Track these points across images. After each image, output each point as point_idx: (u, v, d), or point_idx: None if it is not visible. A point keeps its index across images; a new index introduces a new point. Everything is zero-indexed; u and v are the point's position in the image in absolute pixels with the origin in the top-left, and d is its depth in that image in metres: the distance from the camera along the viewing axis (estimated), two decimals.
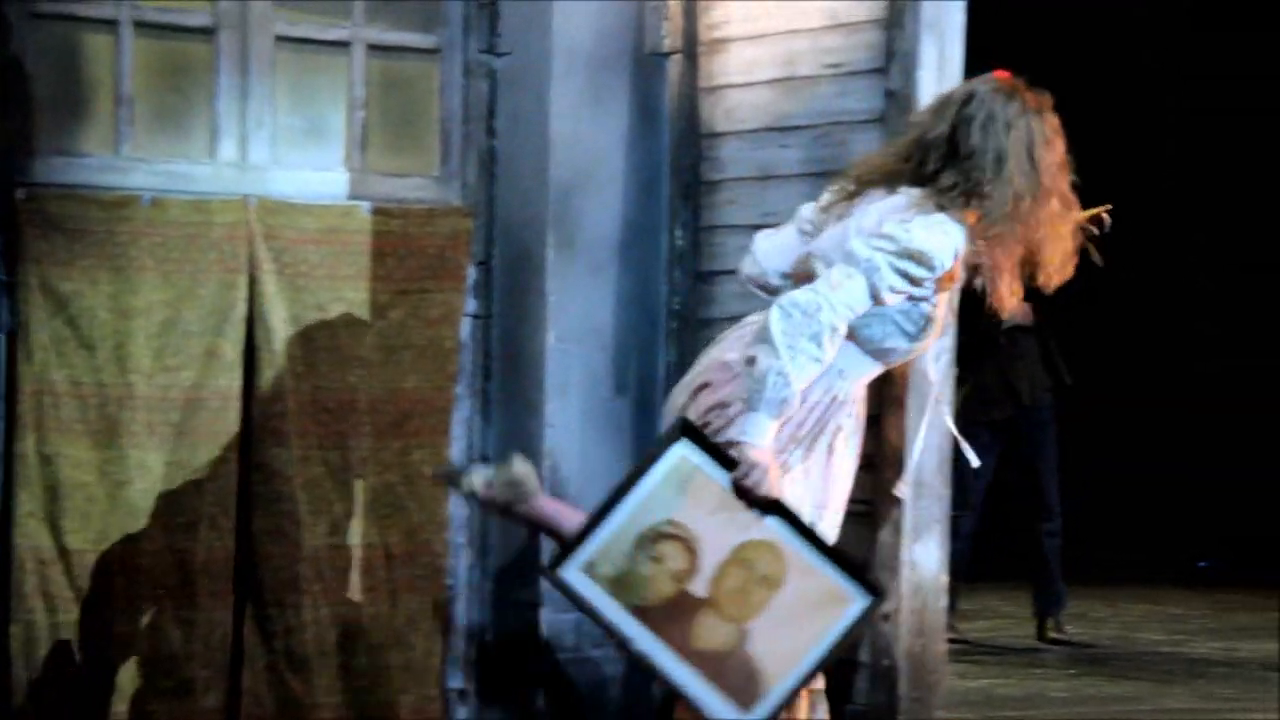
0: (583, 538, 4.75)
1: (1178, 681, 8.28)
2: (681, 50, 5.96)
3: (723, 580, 4.70)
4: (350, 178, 5.90)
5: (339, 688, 5.75)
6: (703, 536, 4.71)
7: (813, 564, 4.69)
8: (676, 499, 4.72)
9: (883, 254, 4.70)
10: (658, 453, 4.74)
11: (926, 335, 4.85)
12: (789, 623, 4.67)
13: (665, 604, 4.70)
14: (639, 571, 4.71)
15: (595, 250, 5.95)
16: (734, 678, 4.67)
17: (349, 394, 5.78)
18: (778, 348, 4.62)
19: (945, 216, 4.76)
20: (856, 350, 4.79)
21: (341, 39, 5.90)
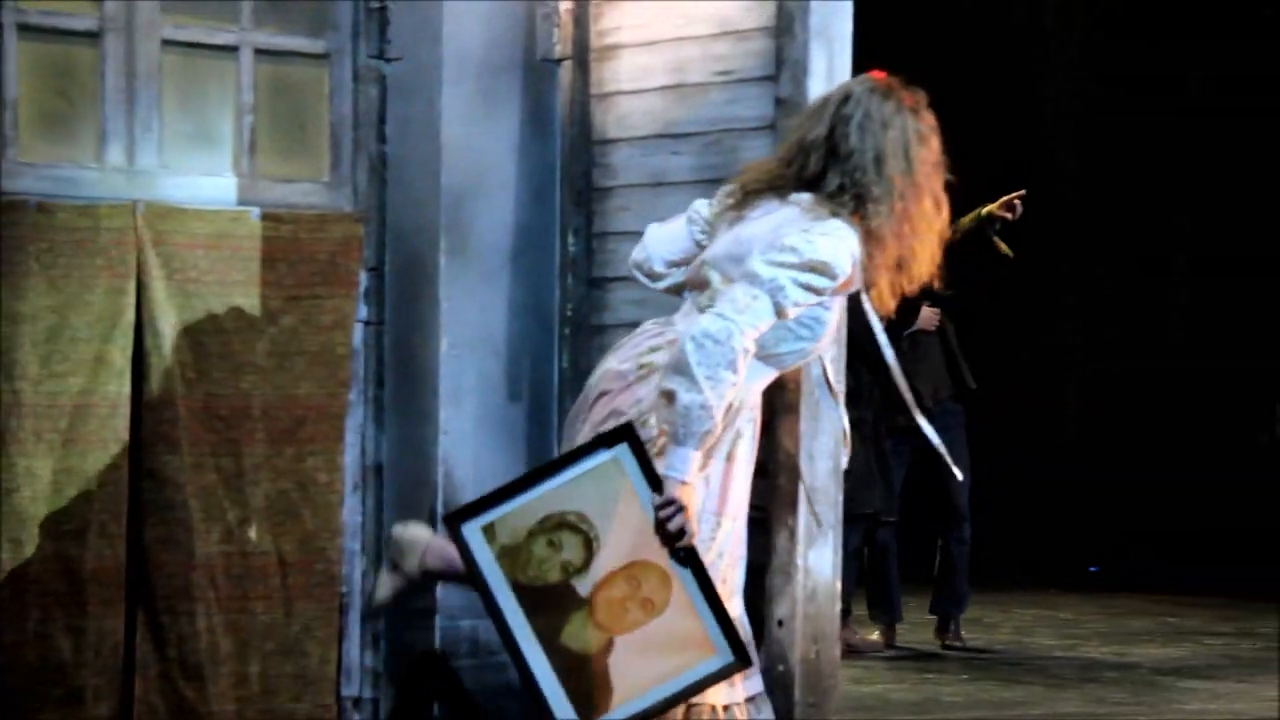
0: (492, 501, 4.77)
1: (1070, 686, 8.34)
2: (573, 57, 5.96)
3: (608, 587, 4.74)
4: (239, 183, 5.86)
5: (233, 696, 5.70)
6: (604, 539, 4.73)
7: (695, 607, 4.71)
8: (593, 496, 4.74)
9: (785, 271, 4.72)
10: (594, 447, 4.75)
11: (821, 338, 4.87)
12: (652, 651, 4.71)
13: (546, 589, 4.73)
14: (533, 550, 4.74)
15: (488, 257, 5.94)
16: (584, 683, 4.71)
17: (241, 400, 5.75)
18: (698, 381, 4.64)
19: (840, 223, 4.79)
20: (752, 358, 4.81)
21: (229, 43, 5.86)
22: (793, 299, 4.72)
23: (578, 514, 4.75)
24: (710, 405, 4.64)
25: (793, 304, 4.73)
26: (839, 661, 5.37)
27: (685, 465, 4.67)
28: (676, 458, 4.67)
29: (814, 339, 4.86)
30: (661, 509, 4.69)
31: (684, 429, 4.66)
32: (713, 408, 4.64)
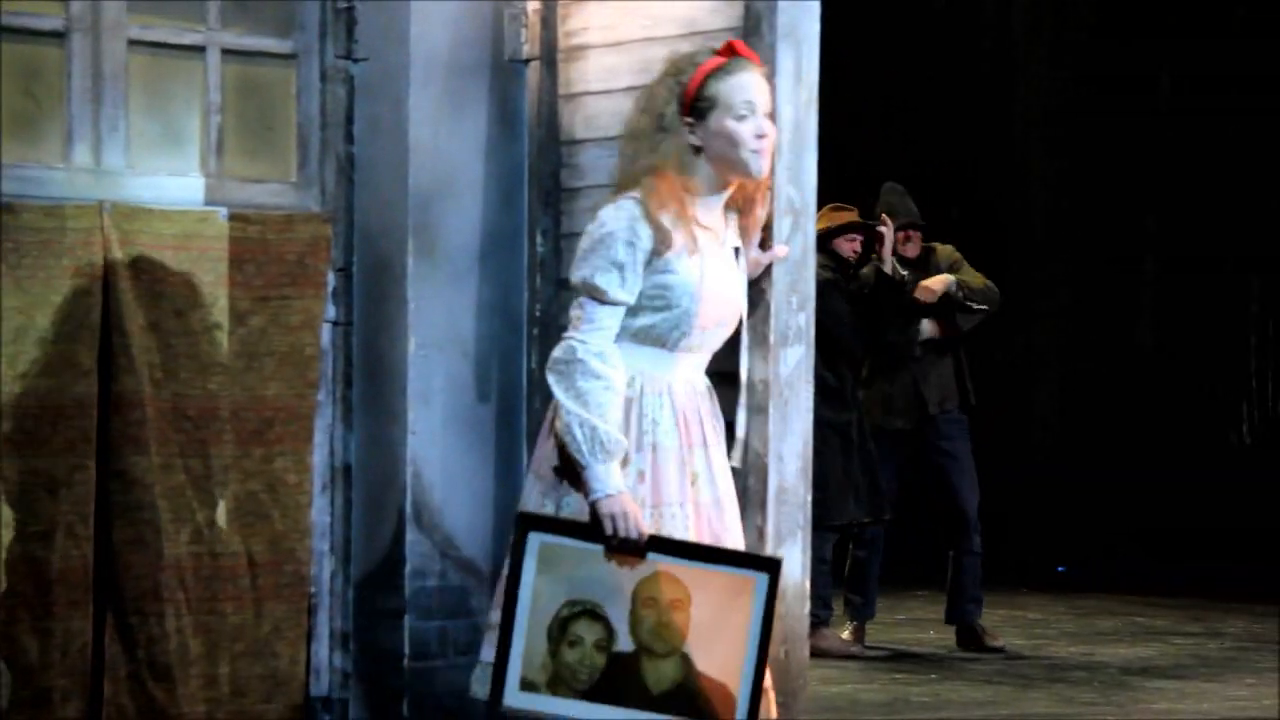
0: (502, 664, 4.81)
1: (1038, 685, 8.36)
2: (540, 57, 5.96)
3: (639, 624, 4.77)
4: (206, 183, 5.85)
5: (202, 697, 5.69)
6: (600, 599, 4.79)
7: (705, 569, 4.76)
8: (560, 581, 4.80)
9: (587, 265, 4.84)
10: (518, 555, 4.81)
11: (681, 302, 4.89)
12: (716, 629, 4.75)
13: (606, 676, 4.77)
14: (567, 661, 4.79)
15: (456, 257, 5.94)
16: (703, 702, 4.75)
17: (209, 401, 5.74)
18: (566, 406, 4.76)
19: (623, 196, 4.90)
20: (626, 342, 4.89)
21: (196, 43, 5.86)
22: (606, 284, 4.82)
23: (566, 604, 4.80)
24: (588, 419, 4.74)
25: (612, 287, 4.82)
26: (808, 662, 5.38)
27: (599, 481, 4.74)
28: (590, 479, 4.75)
29: (672, 306, 4.89)
30: (608, 533, 4.74)
31: (579, 452, 4.75)
32: (592, 420, 4.73)
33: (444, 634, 5.86)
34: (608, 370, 4.80)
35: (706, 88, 4.94)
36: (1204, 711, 7.68)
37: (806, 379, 5.32)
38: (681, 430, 4.92)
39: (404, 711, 5.84)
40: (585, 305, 4.84)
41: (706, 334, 4.96)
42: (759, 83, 4.96)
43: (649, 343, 4.91)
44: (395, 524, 5.86)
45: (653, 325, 4.89)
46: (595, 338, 4.82)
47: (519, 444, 5.95)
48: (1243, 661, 9.19)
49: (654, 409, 4.90)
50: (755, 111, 4.93)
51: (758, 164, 4.93)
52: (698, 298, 4.90)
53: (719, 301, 4.95)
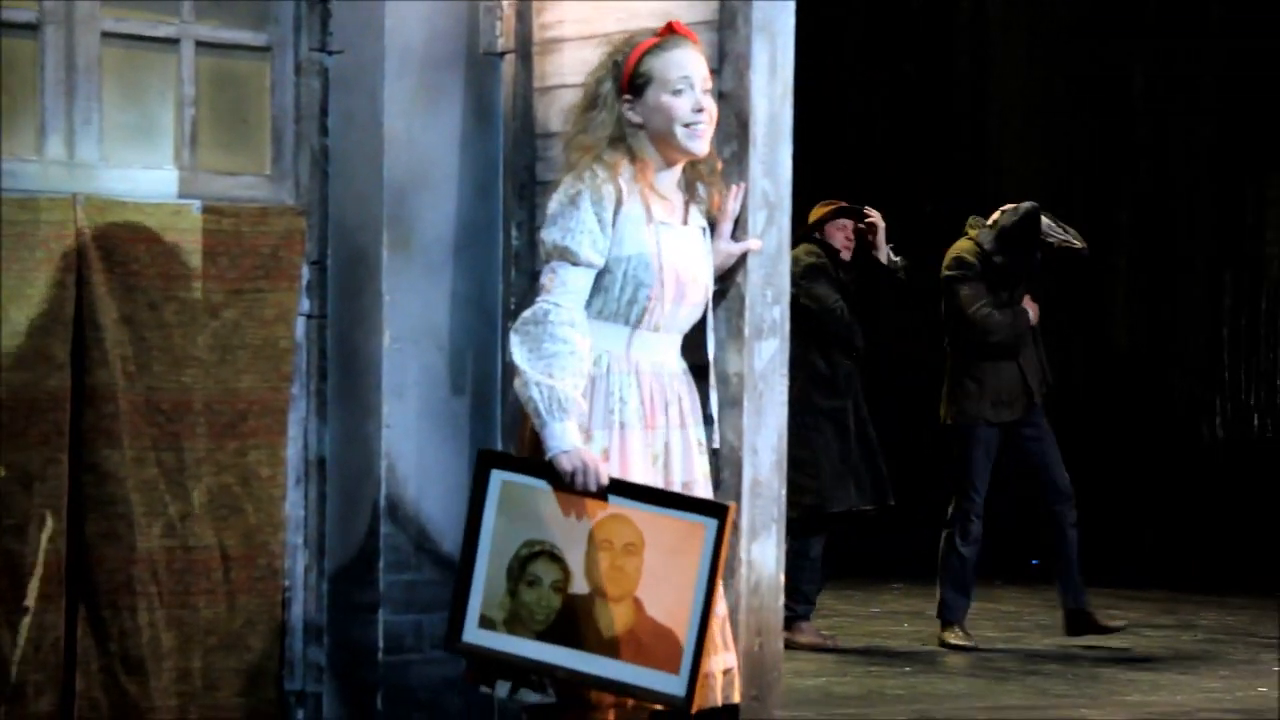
0: (460, 602, 4.85)
1: (1012, 678, 8.37)
2: (515, 50, 5.95)
3: (594, 569, 4.79)
4: (180, 176, 5.84)
5: (175, 691, 5.69)
6: (559, 541, 4.81)
7: (658, 513, 4.78)
8: (519, 521, 4.84)
9: (556, 228, 4.91)
10: (479, 493, 4.86)
11: (641, 276, 4.93)
12: (666, 574, 4.77)
13: (561, 616, 4.80)
14: (525, 601, 4.82)
15: (431, 250, 5.94)
16: (652, 646, 4.76)
17: (183, 394, 5.73)
18: (523, 368, 4.81)
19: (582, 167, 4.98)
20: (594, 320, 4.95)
21: (170, 36, 5.85)
22: (577, 245, 4.88)
23: (525, 544, 4.84)
24: (544, 381, 4.78)
25: (583, 248, 4.88)
26: (782, 655, 5.38)
27: (555, 439, 4.78)
28: (546, 437, 4.78)
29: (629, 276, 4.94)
30: (570, 484, 4.78)
31: (535, 412, 4.79)
32: (551, 381, 4.78)
33: (419, 628, 5.85)
34: (574, 336, 4.85)
35: (643, 64, 5.04)
36: (1178, 703, 7.70)
37: (781, 372, 5.32)
38: (647, 410, 4.95)
39: (378, 706, 5.83)
40: (557, 269, 4.90)
41: (669, 311, 4.99)
42: (695, 59, 5.04)
43: (612, 319, 4.95)
44: (369, 518, 5.86)
45: (613, 299, 4.94)
46: (568, 300, 4.87)
47: (493, 438, 5.95)
48: (1216, 653, 9.22)
49: (621, 387, 4.95)
50: (693, 87, 5.01)
51: (694, 139, 5.01)
52: (654, 269, 4.94)
53: (681, 277, 4.99)
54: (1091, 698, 7.83)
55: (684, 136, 4.98)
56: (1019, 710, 7.49)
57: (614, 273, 4.93)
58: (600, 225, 4.90)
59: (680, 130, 4.98)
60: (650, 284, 4.94)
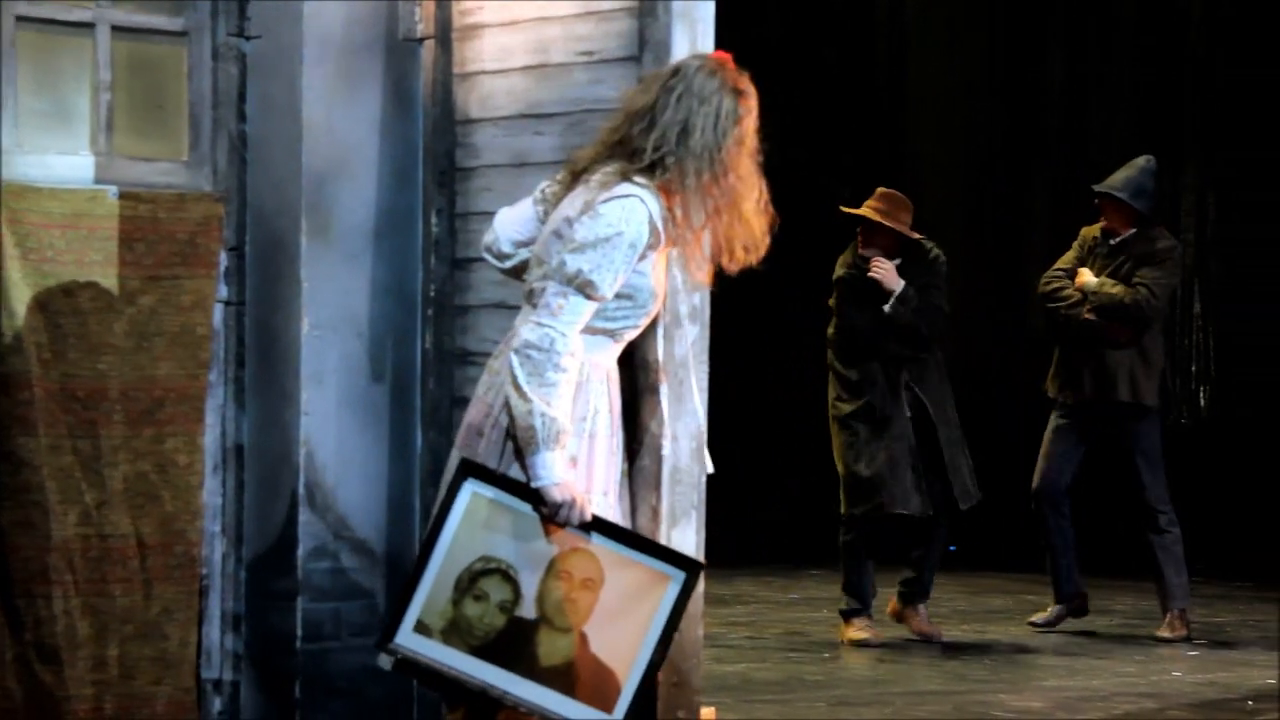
0: (404, 602, 4.82)
1: (930, 664, 8.41)
2: (435, 36, 5.93)
3: (547, 596, 4.79)
4: (96, 161, 5.80)
5: (91, 679, 5.66)
6: (516, 563, 4.80)
7: (625, 556, 4.79)
8: (481, 536, 4.82)
9: (583, 258, 4.80)
10: (449, 500, 4.82)
11: (647, 303, 4.92)
12: (619, 616, 4.78)
13: (501, 636, 4.79)
14: (466, 613, 4.80)
15: (351, 237, 5.91)
16: (588, 683, 4.76)
17: (99, 382, 5.69)
18: (527, 393, 4.75)
19: (630, 186, 4.84)
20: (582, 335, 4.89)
21: (86, 20, 5.80)
22: (601, 281, 4.80)
23: (481, 559, 4.82)
24: (548, 412, 4.74)
25: (605, 285, 4.81)
26: (701, 641, 5.38)
27: (547, 469, 4.76)
28: (538, 466, 4.76)
29: (639, 305, 4.91)
30: (554, 516, 4.77)
31: (531, 440, 4.75)
32: (551, 413, 4.74)
33: (337, 616, 5.84)
34: (574, 365, 4.82)
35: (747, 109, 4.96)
36: (1094, 688, 7.75)
37: (702, 360, 5.32)
38: (613, 418, 4.95)
39: (296, 694, 5.81)
40: (570, 296, 4.80)
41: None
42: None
43: (601, 333, 4.91)
44: (288, 505, 5.83)
45: (612, 319, 4.90)
46: (574, 331, 4.82)
47: (413, 424, 5.93)
48: (1131, 638, 9.28)
49: (596, 397, 4.92)
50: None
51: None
52: (657, 296, 4.95)
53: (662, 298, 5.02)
54: (1009, 683, 7.87)
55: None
56: (937, 696, 7.53)
57: (621, 297, 4.88)
58: (627, 267, 4.83)
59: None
60: (650, 309, 4.95)
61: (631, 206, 4.83)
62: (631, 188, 4.84)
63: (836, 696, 7.45)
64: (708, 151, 4.86)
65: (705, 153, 4.86)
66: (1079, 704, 7.36)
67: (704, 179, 4.86)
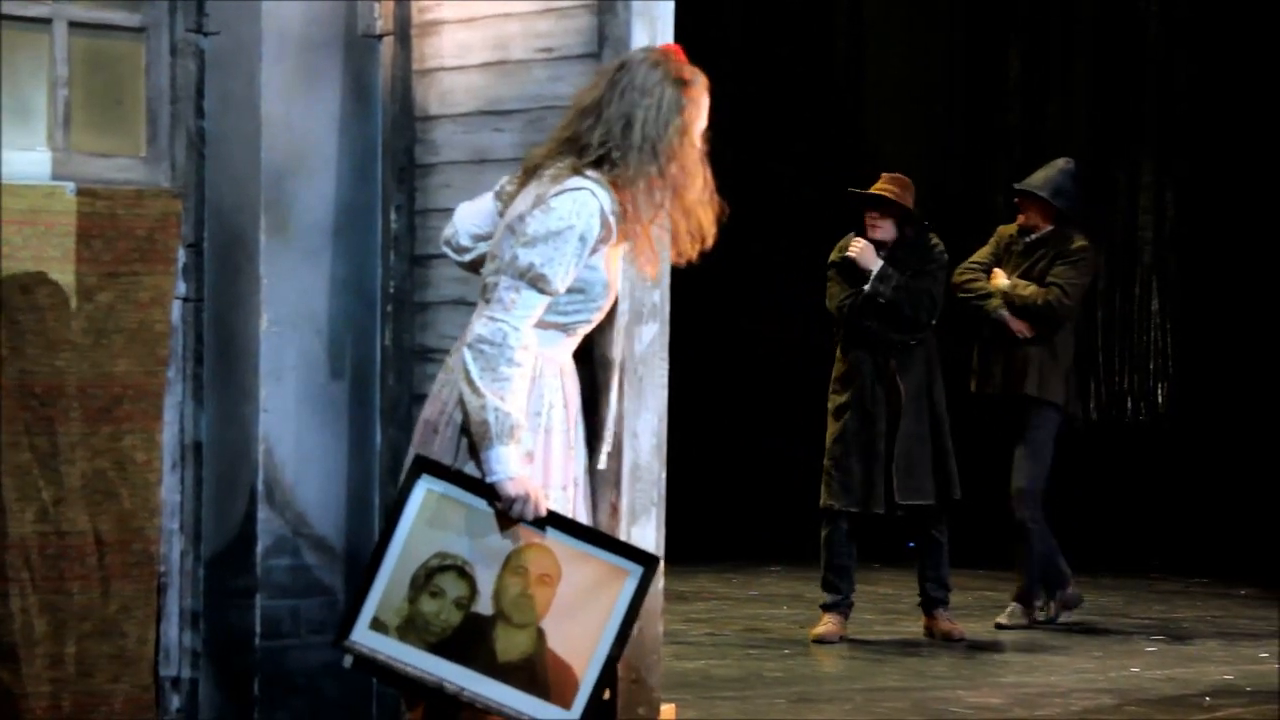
0: (360, 599, 4.82)
1: (890, 660, 8.43)
2: (394, 33, 5.92)
3: (503, 592, 4.78)
4: (54, 157, 5.78)
5: (48, 677, 5.64)
6: (472, 559, 4.80)
7: (582, 551, 4.79)
8: (436, 533, 4.81)
9: (534, 252, 4.80)
10: (403, 497, 4.82)
11: (599, 298, 4.92)
12: (577, 611, 4.78)
13: (458, 633, 4.78)
14: (423, 611, 4.79)
15: (310, 234, 5.90)
16: (546, 678, 4.76)
17: (57, 378, 5.67)
18: (480, 388, 4.75)
19: (581, 180, 4.85)
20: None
21: (43, 15, 5.78)
22: (553, 275, 4.81)
23: (436, 555, 4.81)
24: (501, 407, 4.75)
25: (557, 279, 4.81)
26: (661, 638, 5.39)
27: (502, 464, 4.75)
28: (492, 461, 4.75)
29: (591, 299, 4.92)
30: (509, 510, 4.76)
31: (485, 435, 4.75)
32: (504, 408, 4.75)
33: (296, 613, 5.82)
34: (528, 360, 4.82)
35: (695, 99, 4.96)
36: (1052, 684, 7.77)
37: (661, 357, 5.33)
38: (568, 413, 4.95)
39: (255, 691, 5.80)
40: (522, 290, 4.80)
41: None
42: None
43: (553, 327, 4.92)
44: (247, 502, 5.82)
45: (564, 313, 4.90)
46: (525, 324, 4.81)
47: (372, 421, 5.92)
48: (1090, 634, 9.31)
49: (550, 392, 4.92)
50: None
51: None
52: (610, 292, 4.95)
53: (615, 292, 5.02)
54: (967, 679, 7.89)
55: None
56: (896, 692, 7.54)
57: (574, 291, 4.89)
58: (578, 260, 4.84)
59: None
60: (602, 303, 4.95)
61: (582, 199, 4.84)
62: (582, 181, 4.85)
63: (796, 693, 7.46)
64: (649, 143, 4.87)
65: (647, 145, 4.87)
66: (1037, 700, 7.38)
67: (648, 171, 4.87)
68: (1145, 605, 10.49)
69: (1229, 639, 9.17)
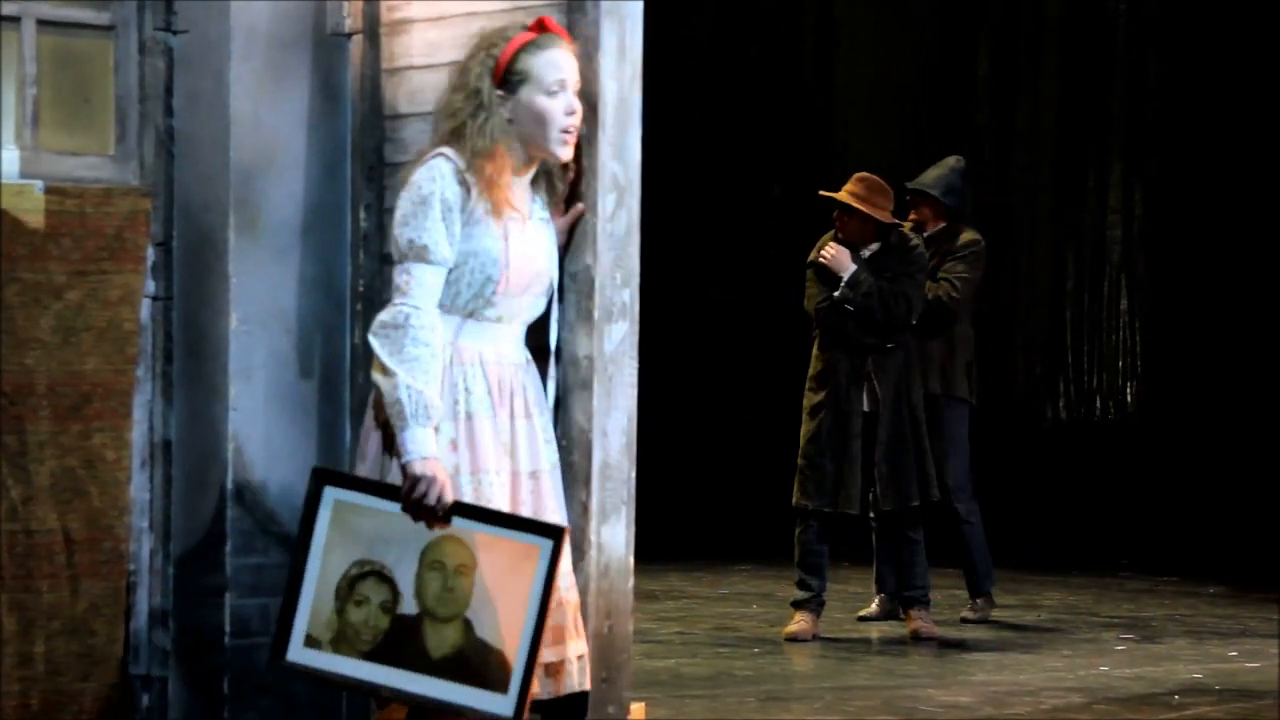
0: (287, 619, 4.88)
1: (859, 659, 8.45)
2: (363, 31, 5.92)
3: (425, 589, 4.83)
4: (22, 156, 5.76)
5: (17, 676, 5.63)
6: (389, 561, 4.85)
7: (493, 534, 4.82)
8: (350, 541, 4.87)
9: (410, 228, 4.92)
10: (310, 510, 4.89)
11: (490, 268, 4.96)
12: (498, 595, 4.81)
13: (388, 637, 4.84)
14: (351, 620, 4.85)
15: (279, 233, 5.90)
16: (480, 667, 4.79)
17: (25, 377, 5.66)
18: (390, 369, 4.84)
19: (432, 155, 5.01)
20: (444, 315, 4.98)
21: (11, 14, 5.76)
22: (430, 242, 4.90)
23: (355, 564, 4.87)
24: (412, 385, 4.81)
25: (436, 246, 4.90)
26: (631, 637, 5.40)
27: (416, 444, 4.81)
28: (407, 441, 4.81)
29: (480, 273, 4.96)
30: (409, 495, 4.80)
31: (400, 415, 4.82)
32: (416, 385, 4.81)
33: (265, 611, 5.81)
34: (434, 339, 4.88)
35: (519, 61, 5.04)
36: (1021, 682, 7.80)
37: (631, 355, 5.34)
38: (495, 399, 4.96)
39: (225, 690, 5.79)
40: (412, 269, 4.90)
41: (512, 303, 5.01)
42: (570, 61, 5.07)
43: (456, 313, 4.98)
44: (216, 501, 5.82)
45: (458, 294, 4.96)
46: (425, 303, 4.89)
47: (342, 420, 5.92)
48: (1059, 633, 9.35)
49: (466, 378, 4.97)
50: (566, 89, 5.02)
51: (564, 145, 5.04)
52: (501, 264, 4.96)
53: (523, 270, 5.00)
54: (937, 677, 7.92)
55: (555, 141, 5.03)
56: (866, 691, 7.56)
57: (462, 267, 4.96)
58: (450, 224, 4.92)
59: (554, 135, 5.02)
60: (497, 278, 4.97)
61: (436, 165, 4.96)
62: (433, 155, 4.99)
63: (766, 691, 7.48)
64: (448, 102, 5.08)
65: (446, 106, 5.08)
66: (1007, 698, 7.41)
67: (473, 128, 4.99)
68: (1114, 604, 10.53)
69: (1197, 637, 9.21)
